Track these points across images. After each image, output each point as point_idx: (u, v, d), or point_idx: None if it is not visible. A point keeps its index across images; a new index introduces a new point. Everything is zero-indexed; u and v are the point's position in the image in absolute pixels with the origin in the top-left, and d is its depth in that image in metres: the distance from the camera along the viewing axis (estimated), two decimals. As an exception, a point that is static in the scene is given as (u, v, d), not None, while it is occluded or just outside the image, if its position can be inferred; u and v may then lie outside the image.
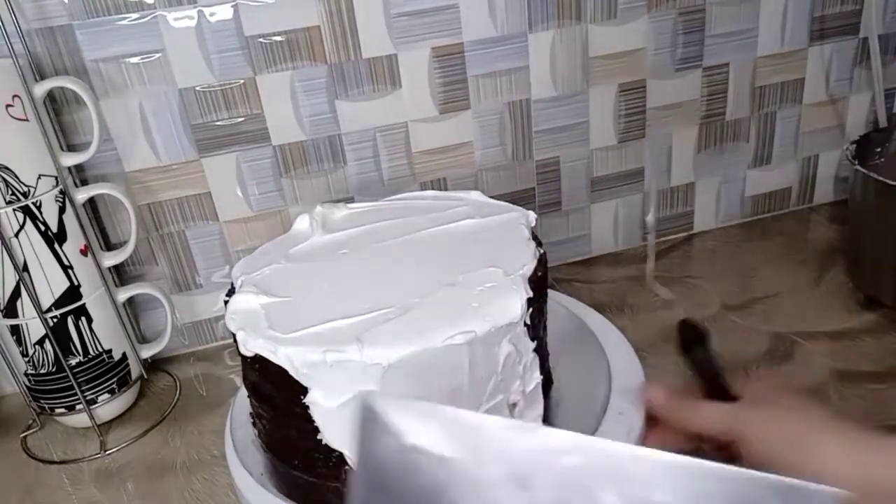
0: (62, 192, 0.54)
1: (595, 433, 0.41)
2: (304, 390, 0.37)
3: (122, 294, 0.60)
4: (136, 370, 0.62)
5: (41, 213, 0.53)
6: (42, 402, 0.58)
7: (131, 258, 0.63)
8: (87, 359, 0.57)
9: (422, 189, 0.68)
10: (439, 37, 0.63)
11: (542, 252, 0.43)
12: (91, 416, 0.58)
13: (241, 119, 0.62)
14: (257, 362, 0.38)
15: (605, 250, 0.77)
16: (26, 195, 0.52)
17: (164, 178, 0.62)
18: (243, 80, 0.61)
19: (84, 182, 0.60)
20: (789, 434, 0.36)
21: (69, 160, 0.56)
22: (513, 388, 0.40)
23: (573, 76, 0.68)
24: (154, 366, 0.67)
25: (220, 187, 0.64)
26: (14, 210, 0.52)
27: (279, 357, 0.37)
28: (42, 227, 0.53)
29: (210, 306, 0.68)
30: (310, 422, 0.38)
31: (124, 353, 0.60)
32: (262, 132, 0.63)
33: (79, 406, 0.58)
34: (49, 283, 0.54)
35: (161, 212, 0.63)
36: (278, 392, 0.39)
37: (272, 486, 0.42)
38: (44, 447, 0.59)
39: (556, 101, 0.68)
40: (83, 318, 0.57)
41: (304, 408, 0.37)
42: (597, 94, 0.69)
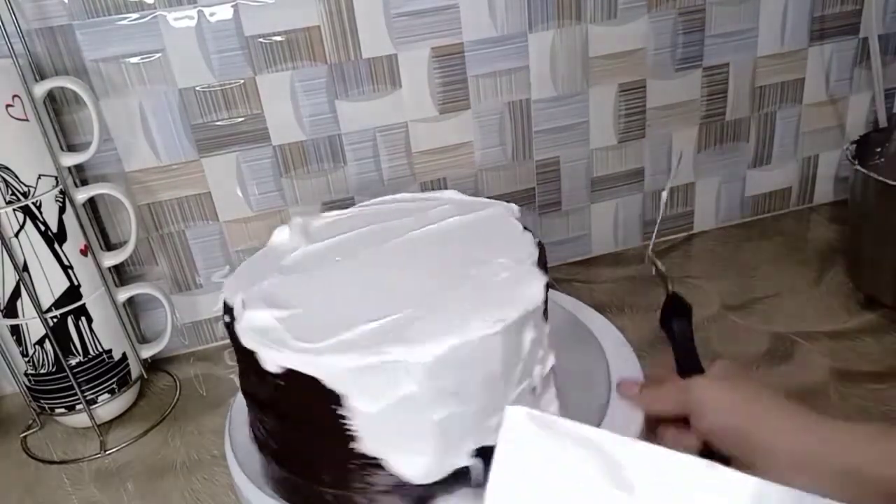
0: (62, 192, 0.54)
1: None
2: (338, 399, 0.36)
3: (122, 294, 0.60)
4: (136, 370, 0.62)
5: (41, 213, 0.53)
6: (42, 402, 0.58)
7: (131, 258, 0.63)
8: (87, 359, 0.57)
9: (422, 189, 0.68)
10: (439, 37, 0.63)
11: (538, 241, 0.45)
12: (91, 416, 0.58)
13: (241, 119, 0.62)
14: (284, 377, 0.37)
15: (605, 250, 0.77)
16: (26, 195, 0.52)
17: (164, 178, 0.62)
18: (243, 80, 0.61)
19: (84, 182, 0.60)
20: (738, 406, 0.37)
21: (69, 160, 0.56)
22: (535, 372, 0.41)
23: (573, 76, 0.68)
24: (154, 366, 0.67)
25: (220, 187, 0.64)
26: (14, 210, 0.52)
27: (317, 368, 0.36)
28: (42, 227, 0.53)
29: (210, 306, 0.68)
30: (342, 431, 0.37)
31: (124, 353, 0.60)
32: (262, 132, 0.63)
33: (79, 406, 0.58)
34: (49, 283, 0.54)
35: (161, 212, 0.63)
36: (308, 404, 0.37)
37: (272, 487, 0.42)
38: (44, 447, 0.59)
39: (556, 101, 0.68)
40: (83, 318, 0.57)
41: (337, 418, 0.37)
42: (597, 94, 0.69)
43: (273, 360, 0.37)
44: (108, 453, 0.57)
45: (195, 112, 0.61)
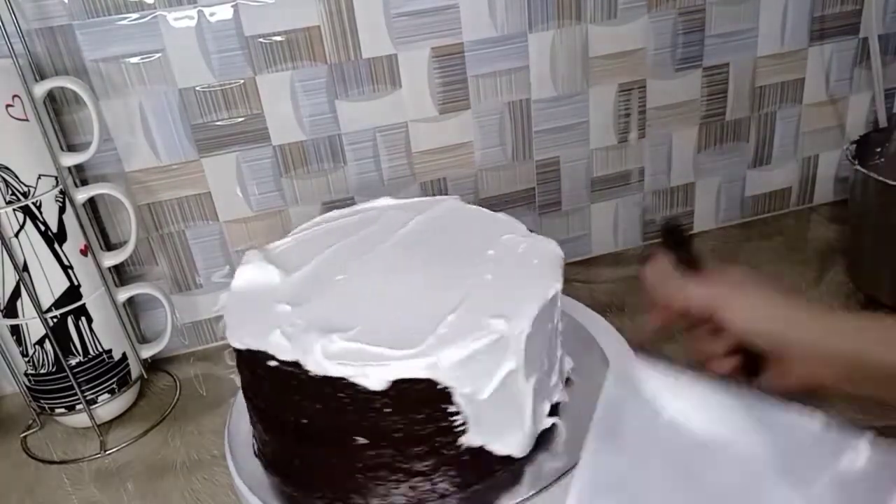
0: (62, 192, 0.54)
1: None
2: (448, 396, 0.36)
3: (122, 294, 0.60)
4: (136, 370, 0.62)
5: (41, 213, 0.53)
6: (42, 402, 0.58)
7: (131, 258, 0.63)
8: (87, 359, 0.57)
9: (422, 189, 0.68)
10: (439, 37, 0.63)
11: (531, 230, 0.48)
12: (91, 416, 0.58)
13: (241, 119, 0.62)
14: (390, 392, 0.35)
15: (605, 250, 0.77)
16: (26, 195, 0.52)
17: (164, 178, 0.62)
18: (243, 80, 0.61)
19: (84, 182, 0.60)
20: (769, 310, 0.42)
21: (69, 160, 0.56)
22: (559, 328, 0.44)
23: (573, 76, 0.68)
24: (154, 366, 0.67)
25: (220, 187, 0.64)
26: (14, 210, 0.52)
27: (428, 369, 0.35)
28: (42, 227, 0.53)
29: (210, 306, 0.68)
30: (450, 430, 0.37)
31: (124, 353, 0.60)
32: (262, 132, 0.63)
33: (79, 406, 0.58)
34: (49, 283, 0.54)
35: (161, 212, 0.63)
36: (413, 414, 0.36)
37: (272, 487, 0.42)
38: (44, 447, 0.59)
39: (556, 101, 0.68)
40: (83, 318, 0.57)
41: (446, 416, 0.36)
42: (597, 94, 0.69)
43: (378, 377, 0.35)
44: (108, 453, 0.57)
45: (195, 112, 0.61)
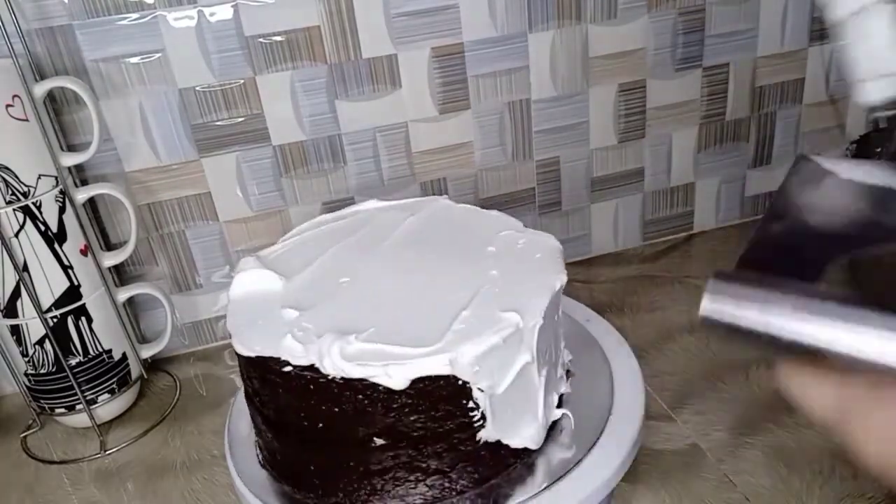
0: (62, 192, 0.54)
1: (599, 436, 0.41)
2: (469, 392, 0.36)
3: (122, 294, 0.60)
4: (136, 370, 0.62)
5: (41, 213, 0.53)
6: (42, 402, 0.58)
7: (131, 258, 0.63)
8: (87, 359, 0.57)
9: (422, 190, 0.69)
10: (439, 37, 0.63)
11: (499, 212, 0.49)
12: (91, 416, 0.58)
13: (241, 119, 0.62)
14: (411, 391, 0.35)
15: (605, 250, 0.77)
16: (26, 195, 0.52)
17: (164, 178, 0.62)
18: (243, 80, 0.61)
19: (84, 182, 0.60)
20: None
21: (69, 160, 0.56)
22: (561, 346, 0.44)
23: (573, 76, 0.68)
24: (154, 366, 0.67)
25: (220, 187, 0.64)
26: (14, 210, 0.52)
27: (450, 364, 0.35)
28: (42, 227, 0.53)
29: (210, 306, 0.68)
30: (469, 426, 0.37)
31: (124, 353, 0.60)
32: (262, 132, 0.63)
33: (79, 406, 0.58)
34: (49, 283, 0.54)
35: (161, 212, 0.63)
36: (432, 412, 0.36)
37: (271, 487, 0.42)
38: (44, 447, 0.59)
39: (556, 101, 0.68)
40: (83, 318, 0.57)
41: (466, 413, 0.36)
42: (597, 94, 0.69)
43: (400, 376, 0.35)
44: (108, 453, 0.57)
45: (195, 112, 0.61)
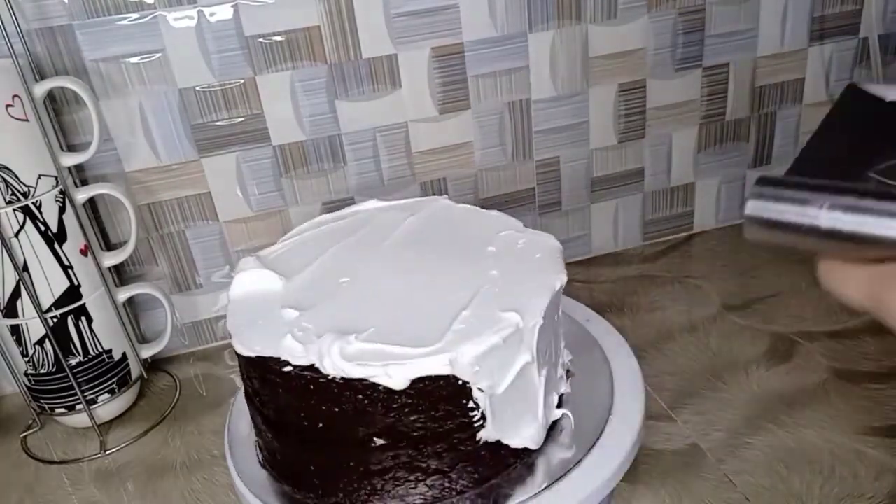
0: (62, 192, 0.54)
1: (599, 436, 0.41)
2: (469, 392, 0.36)
3: (122, 294, 0.60)
4: (136, 370, 0.62)
5: (41, 213, 0.53)
6: (42, 402, 0.58)
7: (131, 258, 0.63)
8: (87, 359, 0.57)
9: (422, 190, 0.69)
10: (439, 37, 0.63)
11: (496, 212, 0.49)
12: (91, 416, 0.58)
13: (241, 119, 0.62)
14: (411, 391, 0.35)
15: (605, 250, 0.77)
16: (26, 195, 0.52)
17: (164, 178, 0.62)
18: (243, 80, 0.61)
19: (84, 182, 0.60)
20: None
21: (69, 160, 0.56)
22: (561, 346, 0.44)
23: (573, 76, 0.68)
24: (154, 366, 0.67)
25: (220, 187, 0.64)
26: (14, 210, 0.52)
27: (449, 364, 0.34)
28: (42, 227, 0.53)
29: (210, 306, 0.68)
30: (469, 426, 0.37)
31: (124, 353, 0.60)
32: (262, 132, 0.63)
33: (79, 406, 0.58)
34: (49, 283, 0.54)
35: (161, 212, 0.63)
36: (432, 413, 0.36)
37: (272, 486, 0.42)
38: (44, 447, 0.59)
39: (556, 101, 0.68)
40: (83, 318, 0.57)
41: (466, 412, 0.36)
42: (597, 94, 0.69)
43: (401, 376, 0.35)
44: (108, 453, 0.57)
45: (195, 112, 0.61)
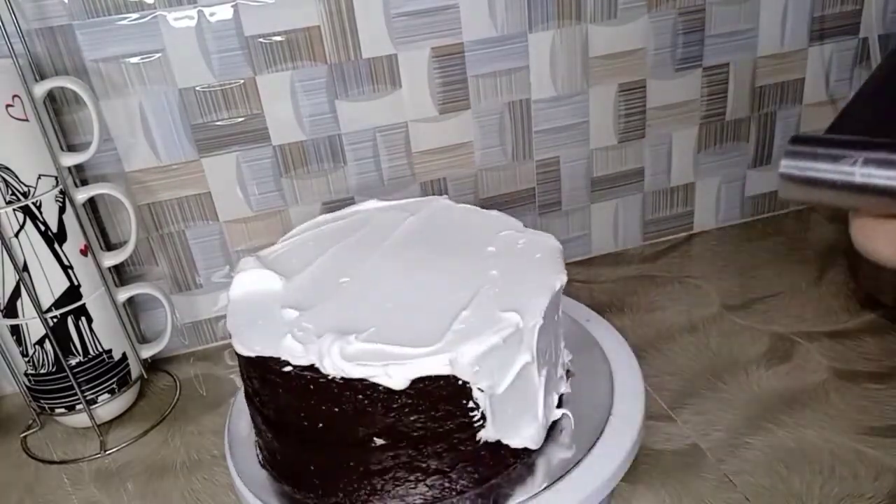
0: (62, 192, 0.54)
1: (599, 436, 0.41)
2: (469, 392, 0.36)
3: (122, 294, 0.60)
4: (136, 370, 0.62)
5: (41, 213, 0.53)
6: (42, 402, 0.58)
7: (131, 258, 0.63)
8: (87, 359, 0.57)
9: (422, 190, 0.69)
10: (439, 37, 0.63)
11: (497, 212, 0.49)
12: (91, 416, 0.58)
13: (241, 119, 0.62)
14: (411, 391, 0.35)
15: (605, 250, 0.77)
16: (26, 195, 0.52)
17: (164, 178, 0.62)
18: (243, 80, 0.61)
19: (84, 182, 0.60)
20: None
21: (69, 160, 0.56)
22: (561, 346, 0.44)
23: (573, 76, 0.68)
24: (154, 366, 0.67)
25: (220, 187, 0.64)
26: (14, 210, 0.52)
27: (449, 364, 0.35)
28: (42, 227, 0.53)
29: (210, 306, 0.68)
30: (469, 425, 0.37)
31: (124, 353, 0.60)
32: (262, 132, 0.63)
33: (79, 406, 0.58)
34: (49, 283, 0.54)
35: (161, 212, 0.63)
36: (432, 413, 0.36)
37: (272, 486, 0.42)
38: (44, 447, 0.59)
39: (556, 101, 0.68)
40: (83, 318, 0.57)
41: (466, 412, 0.36)
42: (597, 94, 0.69)
43: (400, 376, 0.35)
44: (108, 453, 0.57)
45: (195, 112, 0.61)
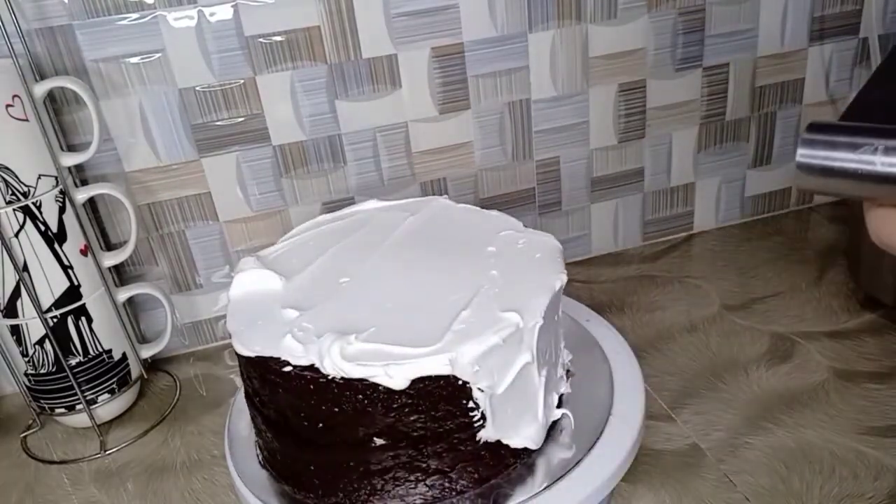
0: (62, 192, 0.54)
1: (599, 436, 0.41)
2: (469, 392, 0.36)
3: (122, 294, 0.60)
4: (136, 370, 0.62)
5: (41, 213, 0.53)
6: (42, 402, 0.58)
7: (131, 258, 0.63)
8: (87, 359, 0.57)
9: (422, 190, 0.69)
10: (439, 37, 0.63)
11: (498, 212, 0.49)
12: (91, 416, 0.58)
13: (241, 119, 0.62)
14: (411, 391, 0.35)
15: (605, 250, 0.77)
16: (26, 195, 0.52)
17: (164, 178, 0.62)
18: (243, 80, 0.61)
19: (84, 182, 0.60)
20: None
21: (69, 160, 0.56)
22: (561, 346, 0.44)
23: (573, 76, 0.68)
24: (154, 366, 0.67)
25: (220, 187, 0.64)
26: (14, 210, 0.52)
27: (449, 364, 0.35)
28: (42, 227, 0.53)
29: (210, 306, 0.68)
30: (469, 426, 0.37)
31: (124, 353, 0.60)
32: (262, 132, 0.63)
33: (79, 406, 0.58)
34: (49, 283, 0.54)
35: (161, 212, 0.63)
36: (432, 412, 0.36)
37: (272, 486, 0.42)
38: (44, 447, 0.59)
39: (556, 101, 0.68)
40: (83, 318, 0.57)
41: (466, 413, 0.36)
42: (597, 94, 0.69)
43: (401, 376, 0.35)
44: (108, 453, 0.57)
45: (195, 112, 0.61)
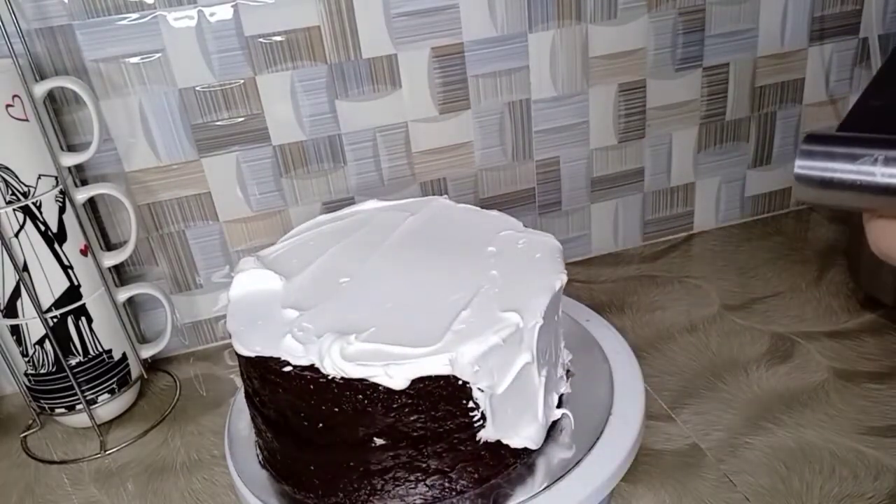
0: (62, 192, 0.54)
1: (599, 436, 0.41)
2: (469, 392, 0.36)
3: (122, 294, 0.60)
4: (136, 370, 0.62)
5: (41, 213, 0.53)
6: (42, 402, 0.58)
7: (131, 258, 0.63)
8: (87, 359, 0.57)
9: (422, 190, 0.69)
10: (439, 37, 0.63)
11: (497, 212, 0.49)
12: (91, 416, 0.58)
13: (241, 119, 0.62)
14: (411, 391, 0.35)
15: (605, 250, 0.77)
16: (26, 195, 0.52)
17: (164, 178, 0.62)
18: (243, 80, 0.61)
19: (84, 182, 0.60)
20: None
21: (69, 160, 0.56)
22: (561, 346, 0.44)
23: (573, 76, 0.68)
24: (154, 366, 0.67)
25: (220, 187, 0.64)
26: (14, 210, 0.52)
27: (449, 364, 0.35)
28: (42, 227, 0.53)
29: (210, 306, 0.68)
30: (469, 426, 0.37)
31: (124, 353, 0.60)
32: (262, 132, 0.63)
33: (79, 406, 0.58)
34: (49, 283, 0.54)
35: (161, 212, 0.63)
36: (432, 413, 0.36)
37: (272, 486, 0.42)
38: (44, 447, 0.59)
39: (556, 101, 0.68)
40: (83, 318, 0.57)
41: (466, 412, 0.36)
42: (597, 94, 0.69)
43: (401, 376, 0.35)
44: (108, 453, 0.57)
45: (195, 112, 0.61)
